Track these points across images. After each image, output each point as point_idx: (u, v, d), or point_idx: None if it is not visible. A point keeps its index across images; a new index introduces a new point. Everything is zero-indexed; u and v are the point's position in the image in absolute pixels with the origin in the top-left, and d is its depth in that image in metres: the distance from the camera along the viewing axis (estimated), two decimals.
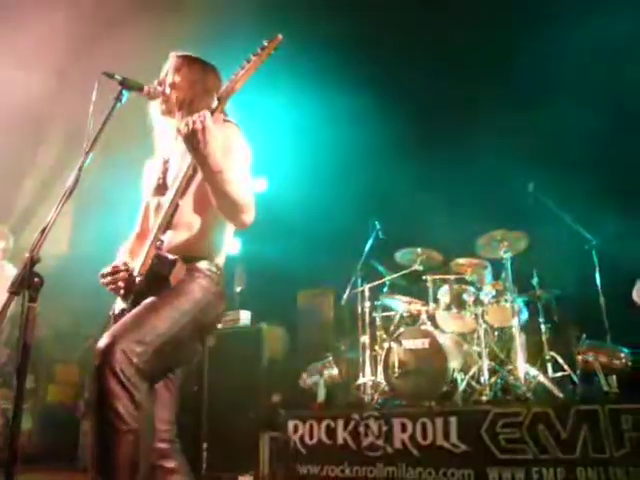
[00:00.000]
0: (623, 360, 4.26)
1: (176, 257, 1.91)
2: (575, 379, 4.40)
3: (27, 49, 4.99)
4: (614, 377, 4.13)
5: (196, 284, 1.95)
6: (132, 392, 1.66)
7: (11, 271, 4.36)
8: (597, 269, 4.72)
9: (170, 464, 1.93)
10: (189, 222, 2.04)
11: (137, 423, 1.67)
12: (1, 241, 4.17)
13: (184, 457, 2.00)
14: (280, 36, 2.01)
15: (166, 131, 2.26)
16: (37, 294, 1.52)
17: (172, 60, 2.28)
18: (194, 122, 1.83)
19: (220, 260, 2.09)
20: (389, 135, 5.74)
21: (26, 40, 4.91)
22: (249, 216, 1.99)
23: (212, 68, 2.30)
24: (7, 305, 1.55)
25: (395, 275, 5.42)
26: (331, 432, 4.46)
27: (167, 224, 1.97)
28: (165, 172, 2.18)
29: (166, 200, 2.02)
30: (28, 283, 1.52)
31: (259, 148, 2.23)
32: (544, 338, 4.69)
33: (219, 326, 2.20)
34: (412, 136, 5.79)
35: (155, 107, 2.26)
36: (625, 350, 4.31)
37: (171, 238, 1.99)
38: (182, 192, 1.98)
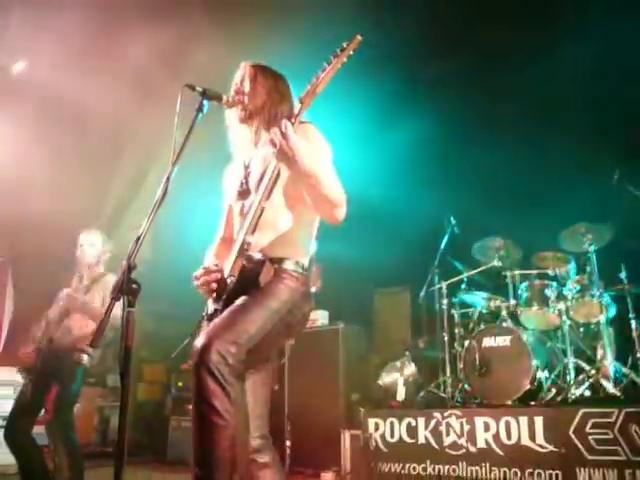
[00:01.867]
0: None
1: (265, 258, 1.98)
2: None
3: (115, 63, 5.27)
4: None
5: (283, 284, 2.01)
6: (228, 390, 1.75)
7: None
8: None
9: (263, 459, 2.00)
10: (274, 224, 2.11)
11: (233, 419, 1.75)
12: (98, 248, 4.18)
13: (276, 453, 2.07)
14: (359, 37, 2.03)
15: (244, 137, 2.33)
16: (135, 299, 1.61)
17: (246, 69, 2.35)
18: (276, 136, 1.89)
19: (305, 261, 2.14)
20: (466, 129, 5.65)
21: (115, 54, 5.18)
22: (341, 212, 2.04)
23: (282, 75, 2.37)
24: (109, 310, 1.66)
25: (473, 271, 5.32)
26: (412, 430, 4.45)
27: (254, 227, 2.03)
28: (247, 177, 2.25)
29: (251, 203, 2.08)
30: (126, 289, 1.62)
31: (334, 147, 2.26)
32: (635, 334, 4.47)
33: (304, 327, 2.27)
34: (490, 129, 5.66)
35: (232, 115, 2.33)
36: None
37: (258, 240, 2.05)
38: (267, 195, 2.04)
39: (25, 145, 5.49)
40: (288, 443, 5.22)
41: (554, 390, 4.42)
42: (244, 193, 2.22)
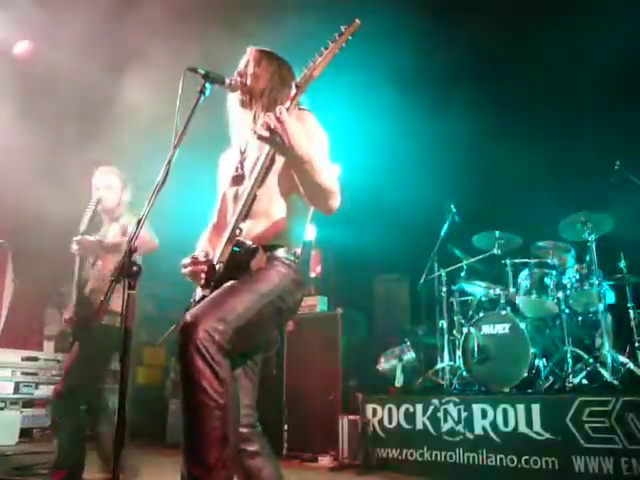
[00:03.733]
0: None
1: (256, 246, 1.96)
2: None
3: (119, 49, 5.25)
4: None
5: (275, 271, 1.99)
6: (215, 369, 1.71)
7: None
8: None
9: (252, 447, 2.00)
10: (267, 211, 2.09)
11: (223, 399, 1.72)
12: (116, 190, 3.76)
13: (266, 440, 2.06)
14: (358, 21, 2.00)
15: (243, 122, 2.31)
16: (136, 282, 1.61)
17: (251, 53, 2.33)
18: (271, 121, 1.87)
19: (298, 248, 2.12)
20: (466, 118, 5.62)
21: (118, 39, 5.16)
22: (335, 201, 2.01)
23: (286, 61, 2.35)
24: (108, 293, 1.66)
25: (473, 259, 5.33)
26: (410, 416, 4.48)
27: (246, 213, 2.02)
28: (242, 162, 2.23)
29: (244, 190, 2.07)
30: (127, 272, 1.61)
31: (333, 133, 2.24)
32: (633, 324, 4.49)
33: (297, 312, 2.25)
34: (490, 118, 5.63)
35: (233, 99, 2.31)
36: None
37: (250, 227, 2.04)
38: (260, 182, 2.03)
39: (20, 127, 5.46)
40: (286, 427, 5.26)
41: (552, 378, 4.45)
42: (238, 179, 2.20)
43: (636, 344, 4.40)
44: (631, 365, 4.18)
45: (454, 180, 5.79)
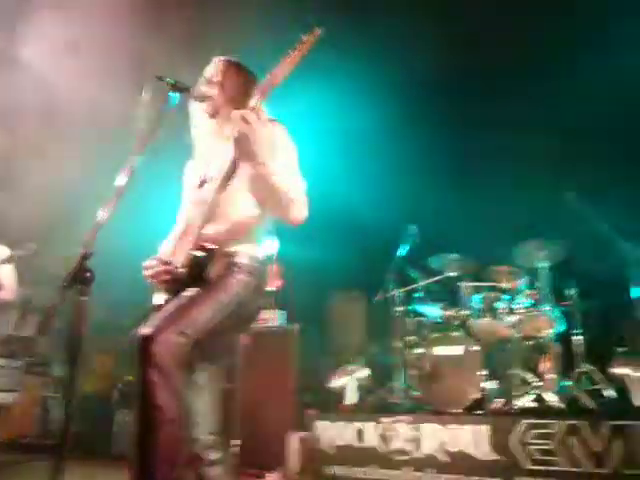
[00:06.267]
0: None
1: (217, 250, 1.96)
2: (610, 393, 4.32)
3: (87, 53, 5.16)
4: None
5: (235, 278, 1.99)
6: (172, 382, 1.69)
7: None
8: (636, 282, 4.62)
9: (213, 456, 1.98)
10: (229, 217, 2.09)
11: (176, 413, 1.70)
12: None
13: (226, 450, 2.05)
14: (318, 30, 2.03)
15: (208, 131, 2.32)
16: (88, 288, 1.58)
17: (217, 64, 2.34)
18: (239, 121, 1.88)
19: (259, 255, 2.12)
20: (429, 142, 5.72)
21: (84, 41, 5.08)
22: (300, 212, 2.02)
23: (251, 72, 2.37)
24: (58, 300, 1.62)
25: (428, 281, 5.40)
26: (360, 434, 4.48)
27: (208, 219, 2.02)
28: (206, 169, 2.24)
29: (207, 195, 2.07)
30: (80, 278, 1.58)
31: (299, 148, 2.26)
32: (580, 350, 4.62)
33: (255, 324, 2.24)
34: (451, 143, 5.75)
35: (197, 108, 2.32)
36: None
37: (211, 232, 2.04)
38: (223, 187, 2.03)
39: None
40: (237, 442, 5.19)
41: (500, 400, 4.52)
42: (202, 184, 2.20)
43: (581, 369, 4.53)
44: (576, 390, 4.29)
45: (416, 201, 5.87)
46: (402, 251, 5.54)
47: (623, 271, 4.70)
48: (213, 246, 1.98)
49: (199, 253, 1.96)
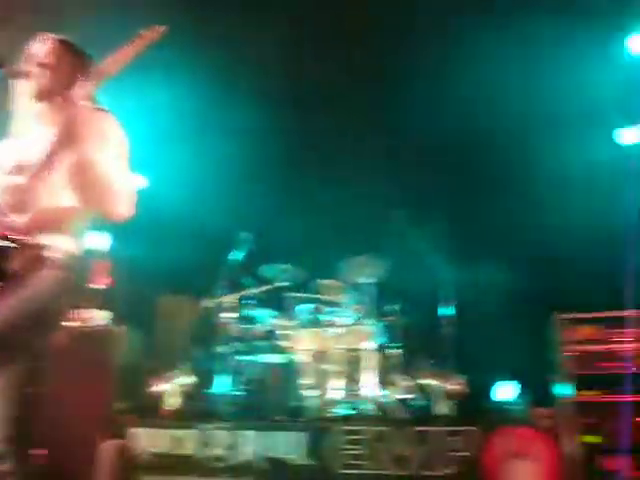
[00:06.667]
0: (460, 386, 4.65)
1: (24, 241, 1.82)
2: (421, 402, 4.71)
3: None
4: (453, 401, 4.50)
5: (43, 273, 1.86)
6: None
7: None
8: (449, 301, 5.06)
9: (3, 466, 1.81)
10: (43, 207, 1.95)
11: None
12: None
13: (20, 461, 1.88)
14: (162, 28, 1.99)
15: (31, 113, 2.16)
16: None
17: (48, 42, 2.17)
18: (70, 107, 1.79)
19: (73, 250, 2.00)
20: (267, 150, 5.78)
21: None
22: (122, 208, 1.93)
23: (88, 55, 2.24)
24: None
25: (258, 289, 5.48)
26: (178, 442, 4.39)
27: (20, 207, 1.87)
28: (22, 154, 2.07)
29: (21, 182, 1.92)
30: None
31: (143, 145, 2.19)
32: (397, 362, 4.99)
33: (70, 323, 2.09)
34: (290, 156, 5.87)
35: (20, 87, 2.14)
36: (464, 377, 4.69)
37: (22, 222, 1.89)
38: (39, 176, 1.90)
39: None
40: (41, 452, 4.80)
41: (319, 408, 4.72)
42: (16, 170, 2.04)
43: (396, 380, 4.90)
44: (388, 398, 4.64)
45: (252, 208, 5.92)
46: (235, 257, 5.56)
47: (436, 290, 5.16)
48: (21, 237, 1.83)
49: (5, 245, 1.80)
